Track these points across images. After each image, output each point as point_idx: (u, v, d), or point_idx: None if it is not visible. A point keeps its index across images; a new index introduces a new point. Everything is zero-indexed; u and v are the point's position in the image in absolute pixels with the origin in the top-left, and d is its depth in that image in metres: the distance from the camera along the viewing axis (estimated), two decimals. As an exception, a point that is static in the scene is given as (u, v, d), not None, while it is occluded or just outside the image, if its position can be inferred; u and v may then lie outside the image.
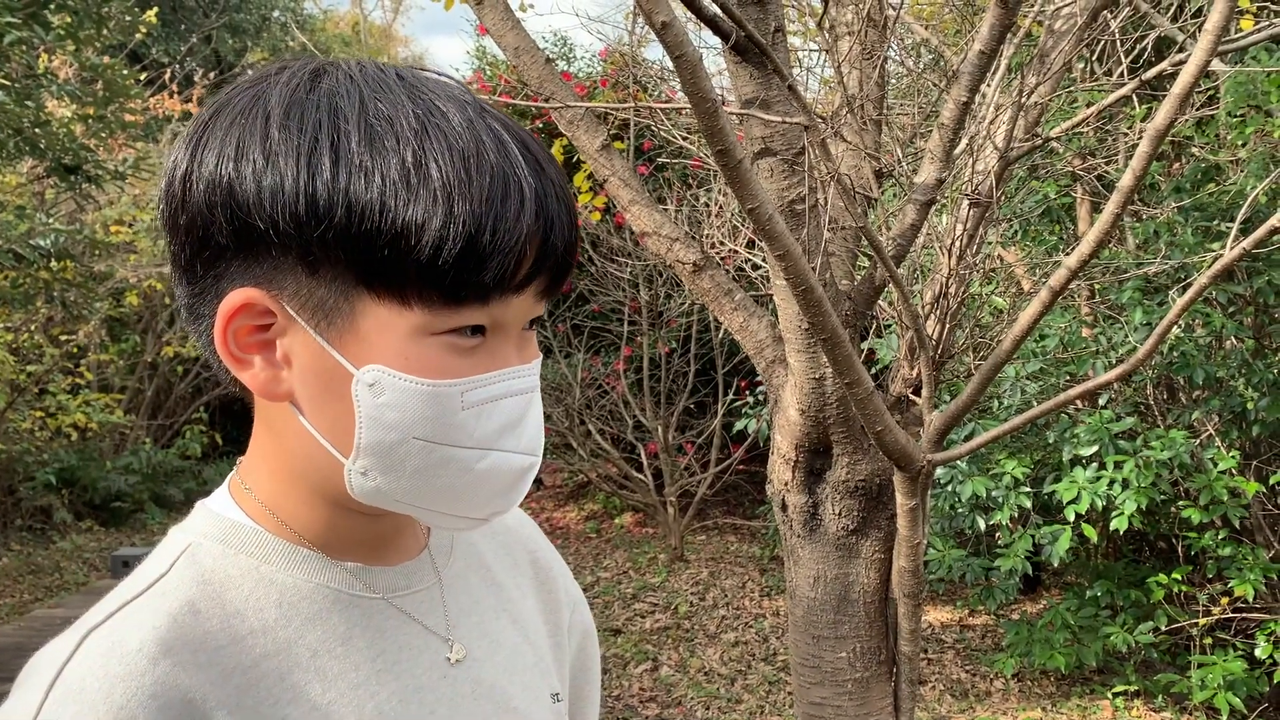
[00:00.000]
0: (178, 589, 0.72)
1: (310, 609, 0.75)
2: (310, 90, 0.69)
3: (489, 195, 0.67)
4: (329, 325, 0.70)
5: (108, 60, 6.76)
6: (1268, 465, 4.86)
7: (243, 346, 0.72)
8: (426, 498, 0.73)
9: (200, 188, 0.69)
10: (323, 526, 0.77)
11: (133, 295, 9.10)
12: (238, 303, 0.70)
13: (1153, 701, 4.79)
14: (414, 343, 0.69)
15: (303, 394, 0.72)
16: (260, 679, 0.71)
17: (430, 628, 0.80)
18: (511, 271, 0.69)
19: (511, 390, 0.73)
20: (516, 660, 0.86)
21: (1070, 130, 2.82)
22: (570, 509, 8.25)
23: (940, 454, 2.27)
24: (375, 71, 0.71)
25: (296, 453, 0.75)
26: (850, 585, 2.58)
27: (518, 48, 2.52)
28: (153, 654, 0.67)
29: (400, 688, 0.77)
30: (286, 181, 0.66)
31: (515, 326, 0.74)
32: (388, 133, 0.67)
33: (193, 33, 15.54)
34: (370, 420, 0.70)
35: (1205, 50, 1.73)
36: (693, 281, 2.66)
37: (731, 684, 5.12)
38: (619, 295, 7.11)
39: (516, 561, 0.94)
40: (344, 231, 0.66)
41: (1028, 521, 4.82)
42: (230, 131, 0.69)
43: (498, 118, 0.72)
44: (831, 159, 1.96)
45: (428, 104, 0.69)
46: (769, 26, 2.20)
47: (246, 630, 0.72)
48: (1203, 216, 4.62)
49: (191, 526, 0.78)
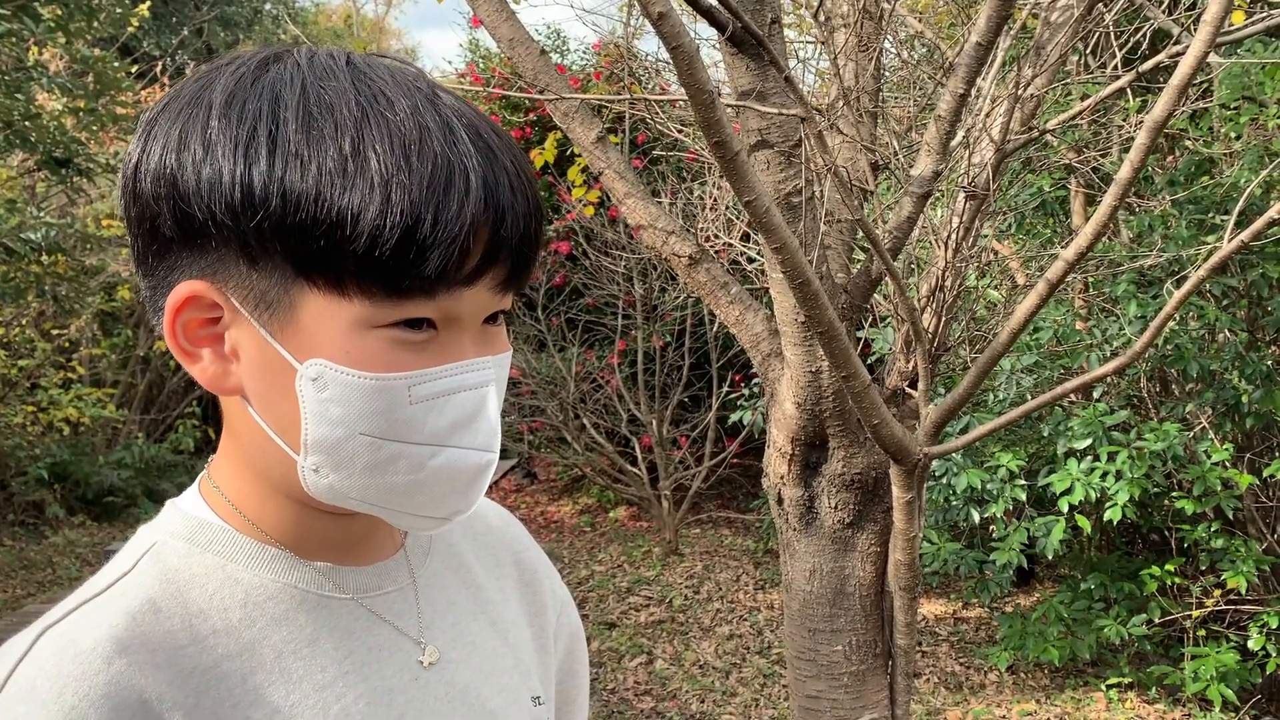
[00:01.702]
0: (139, 587, 0.71)
1: (276, 609, 0.74)
2: (255, 80, 0.68)
3: (429, 184, 0.65)
4: (271, 317, 0.68)
5: (99, 53, 6.72)
6: (1261, 457, 4.87)
7: (193, 340, 0.71)
8: (381, 496, 0.71)
9: (148, 180, 0.68)
10: (290, 525, 0.75)
11: (125, 289, 9.06)
12: (183, 295, 0.69)
13: (1146, 693, 4.80)
14: (357, 336, 0.67)
15: (251, 388, 0.71)
16: (221, 680, 0.69)
17: (402, 629, 0.79)
18: (456, 263, 0.66)
19: (464, 385, 0.70)
20: (494, 663, 0.84)
21: (1066, 123, 2.81)
22: (564, 503, 8.25)
23: (936, 447, 2.27)
24: (325, 60, 0.69)
25: (253, 449, 0.73)
26: (846, 578, 2.58)
27: (512, 39, 2.50)
28: (107, 653, 0.66)
29: (368, 690, 0.75)
30: (224, 172, 0.65)
31: (472, 320, 0.71)
32: (327, 121, 0.65)
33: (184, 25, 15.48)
34: (315, 415, 0.68)
35: (1204, 41, 1.72)
36: (688, 275, 2.66)
37: (726, 677, 5.12)
38: (613, 289, 7.10)
39: (500, 562, 0.92)
40: (280, 221, 0.65)
41: (1022, 514, 4.83)
42: (175, 122, 0.68)
43: (453, 105, 0.69)
44: (828, 151, 1.95)
45: (373, 91, 0.67)
46: (765, 18, 2.19)
47: (209, 630, 0.71)
48: (1197, 209, 4.63)
49: (159, 525, 0.76)
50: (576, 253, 7.25)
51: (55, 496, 8.44)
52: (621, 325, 7.19)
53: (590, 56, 8.80)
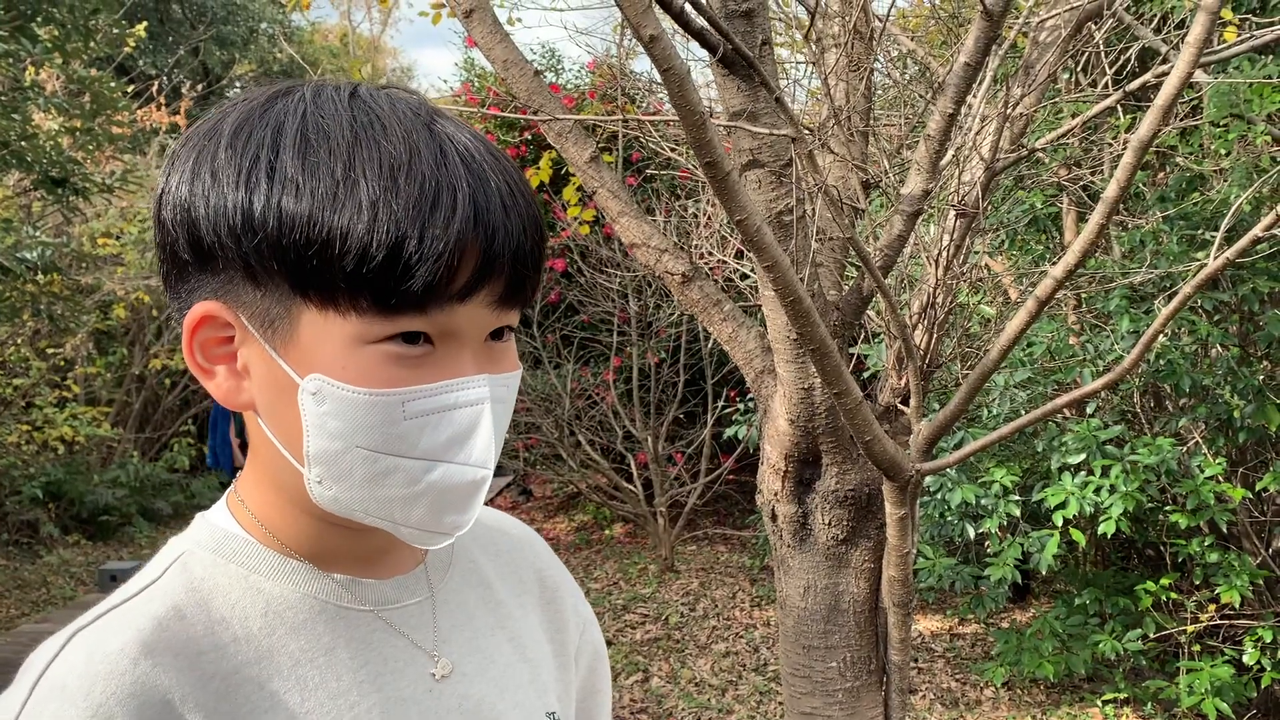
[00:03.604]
0: (166, 595, 0.74)
1: (295, 618, 0.76)
2: (263, 112, 0.72)
3: (416, 203, 0.68)
4: (274, 335, 0.72)
5: (95, 73, 6.75)
6: (1254, 471, 4.89)
7: (210, 358, 0.75)
8: (381, 508, 0.74)
9: (169, 208, 0.73)
10: (309, 538, 0.78)
11: (120, 308, 9.07)
12: (199, 315, 0.73)
13: (1142, 709, 4.80)
14: (352, 351, 0.70)
15: (262, 403, 0.75)
16: (239, 685, 0.72)
17: (417, 642, 0.81)
18: (445, 279, 0.69)
19: (460, 402, 0.73)
20: (509, 678, 0.86)
21: (1056, 141, 2.84)
22: (560, 520, 8.24)
23: (928, 463, 2.28)
24: (330, 93, 0.74)
25: (269, 463, 0.77)
26: (840, 595, 2.58)
27: (506, 60, 2.52)
28: (134, 655, 0.69)
29: (382, 700, 0.77)
30: (228, 198, 0.70)
31: (472, 336, 0.74)
32: (322, 147, 0.69)
33: (180, 45, 15.54)
34: (315, 429, 0.72)
35: (1188, 62, 1.74)
36: (681, 292, 2.67)
37: (722, 694, 5.11)
38: (608, 306, 7.12)
39: (522, 579, 0.94)
40: (276, 243, 0.69)
41: (1017, 530, 4.84)
42: (191, 153, 0.73)
43: (448, 130, 0.73)
44: (819, 170, 1.97)
45: (368, 117, 0.71)
46: (756, 39, 2.21)
47: (230, 638, 0.74)
48: (1187, 225, 4.66)
49: (188, 536, 0.80)
50: (572, 270, 7.27)
51: (50, 515, 8.42)
52: (617, 342, 7.20)
53: (585, 75, 8.85)
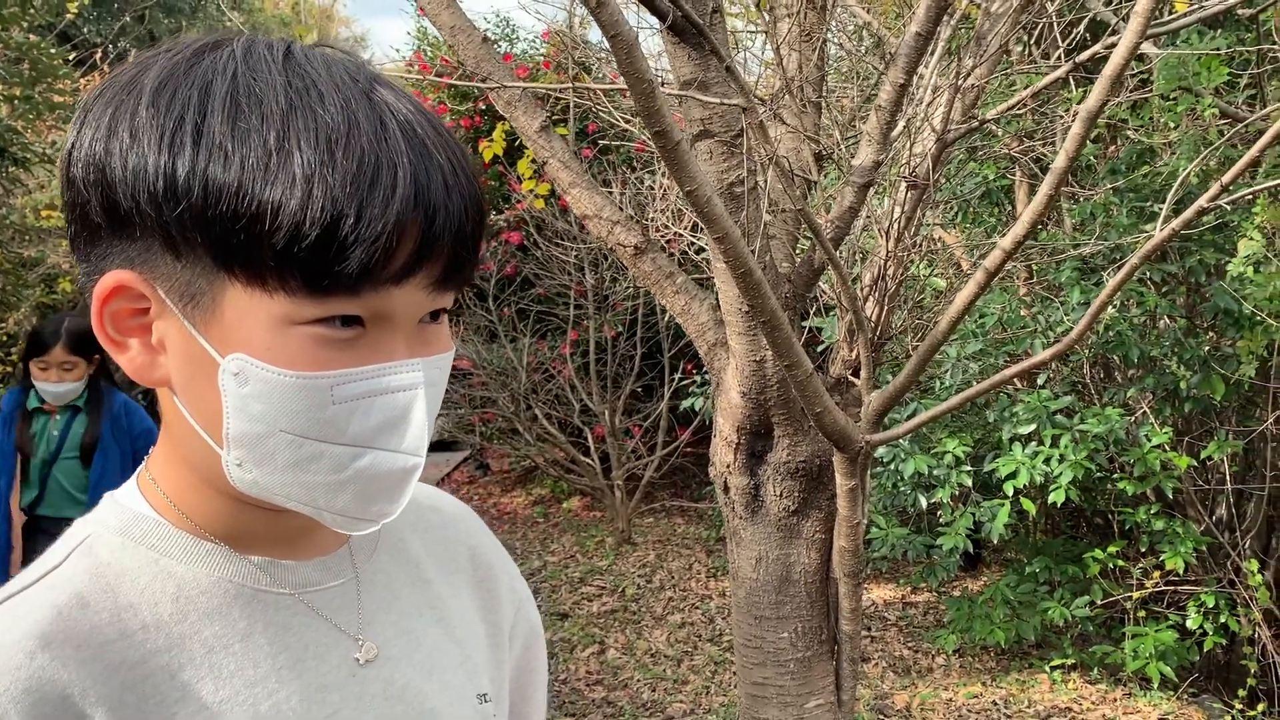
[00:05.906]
0: (68, 581, 0.70)
1: (209, 604, 0.73)
2: (188, 69, 0.67)
3: (354, 180, 0.63)
4: (195, 310, 0.67)
5: (35, 39, 6.56)
6: (1199, 440, 4.98)
7: (122, 330, 0.70)
8: (304, 494, 0.70)
9: (80, 165, 0.68)
10: (225, 519, 0.75)
11: (65, 281, 8.86)
12: (111, 284, 0.68)
13: (1088, 674, 4.90)
14: (279, 332, 0.66)
15: (178, 381, 0.71)
16: (148, 675, 0.69)
17: (340, 625, 0.78)
18: (381, 261, 0.65)
19: (390, 386, 0.69)
20: (437, 659, 0.83)
21: (1007, 112, 2.85)
22: (517, 494, 8.22)
23: (879, 435, 2.29)
24: (262, 51, 0.68)
25: (182, 442, 0.73)
26: (791, 565, 2.59)
27: (454, 27, 2.48)
28: (30, 649, 0.65)
29: (302, 686, 0.74)
30: (149, 161, 0.65)
31: (405, 319, 0.70)
32: (254, 113, 0.65)
33: (125, 11, 15.17)
34: (236, 410, 0.68)
35: (1135, 32, 1.75)
36: (634, 264, 2.65)
37: (678, 665, 5.14)
38: (565, 279, 7.08)
39: (453, 557, 0.91)
40: (201, 213, 0.64)
41: (968, 499, 4.90)
42: (108, 108, 0.68)
43: (389, 100, 0.68)
44: (770, 141, 1.95)
45: (305, 84, 0.66)
46: (706, 7, 2.19)
47: (138, 625, 0.70)
48: (1137, 198, 4.71)
49: (95, 518, 0.75)
50: (527, 243, 7.22)
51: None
52: (573, 315, 7.17)
53: (540, 45, 8.75)
